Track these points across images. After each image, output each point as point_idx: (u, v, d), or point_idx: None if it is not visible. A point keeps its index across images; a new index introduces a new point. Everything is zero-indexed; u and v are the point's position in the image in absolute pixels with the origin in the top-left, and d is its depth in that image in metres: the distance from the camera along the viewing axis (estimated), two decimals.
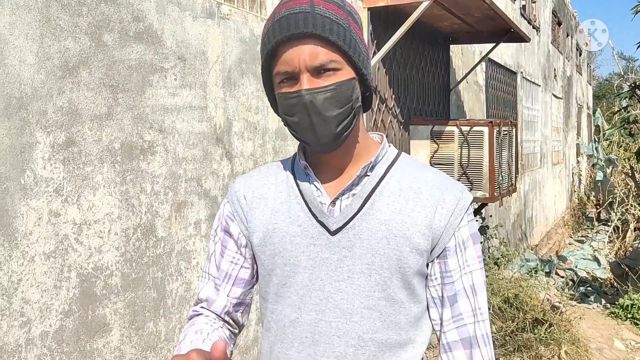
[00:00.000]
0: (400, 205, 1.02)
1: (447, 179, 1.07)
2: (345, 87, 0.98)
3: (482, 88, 6.94)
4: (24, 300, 1.78)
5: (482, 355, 1.02)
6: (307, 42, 0.96)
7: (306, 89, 0.96)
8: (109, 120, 2.07)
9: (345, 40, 0.97)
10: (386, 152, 1.08)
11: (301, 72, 0.96)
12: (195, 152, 2.49)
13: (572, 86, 15.14)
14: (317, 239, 1.03)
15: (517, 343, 4.20)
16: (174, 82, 2.37)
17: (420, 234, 1.01)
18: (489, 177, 4.54)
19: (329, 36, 0.95)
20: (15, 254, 1.76)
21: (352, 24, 1.00)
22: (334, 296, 1.01)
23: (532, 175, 9.70)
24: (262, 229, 1.07)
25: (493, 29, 5.17)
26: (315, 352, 1.02)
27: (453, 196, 1.03)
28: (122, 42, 2.13)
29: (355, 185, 1.04)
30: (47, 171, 1.86)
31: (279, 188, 1.09)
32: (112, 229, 2.09)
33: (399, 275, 1.01)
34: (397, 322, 1.02)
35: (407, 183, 1.04)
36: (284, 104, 0.99)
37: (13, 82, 1.75)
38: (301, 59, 0.96)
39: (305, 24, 0.95)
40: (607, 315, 5.78)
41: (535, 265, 6.88)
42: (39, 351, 1.82)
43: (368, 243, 1.01)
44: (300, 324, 1.03)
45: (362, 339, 1.01)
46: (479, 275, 1.04)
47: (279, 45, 0.97)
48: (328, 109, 0.97)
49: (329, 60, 0.96)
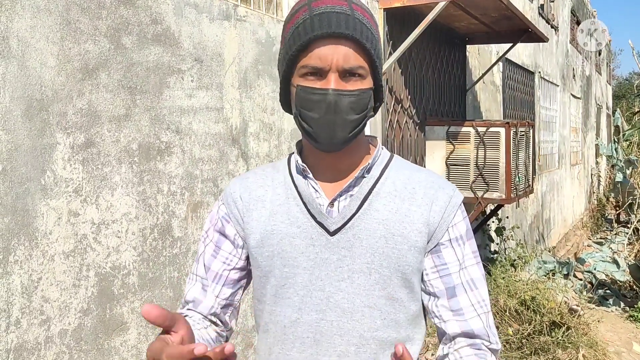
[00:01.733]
0: (397, 205, 1.05)
1: (439, 179, 1.10)
2: (366, 95, 1.01)
3: (499, 88, 6.88)
4: (43, 299, 1.82)
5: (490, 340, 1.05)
6: (343, 44, 0.97)
7: (334, 89, 0.98)
8: (127, 121, 2.10)
9: (375, 50, 1.00)
10: (380, 155, 1.11)
11: (331, 71, 0.98)
12: (212, 153, 2.51)
13: (591, 86, 14.94)
14: (316, 240, 1.04)
15: (534, 346, 4.16)
16: (190, 84, 2.40)
17: (417, 232, 1.03)
18: (506, 178, 4.51)
19: (365, 42, 0.98)
20: (35, 253, 1.79)
21: (378, 37, 1.03)
22: (334, 296, 1.03)
23: (550, 176, 9.60)
24: (260, 230, 1.07)
25: (510, 28, 5.13)
26: (317, 351, 1.03)
27: (445, 194, 1.07)
28: (141, 45, 2.15)
29: (353, 187, 1.06)
30: (66, 172, 1.89)
31: (277, 190, 1.09)
32: (130, 228, 2.12)
33: (398, 274, 1.03)
34: (397, 320, 1.04)
35: (401, 184, 1.07)
36: (304, 97, 1.00)
37: (34, 84, 1.79)
38: (334, 58, 0.97)
39: (347, 25, 0.97)
40: (626, 319, 5.70)
41: (552, 267, 6.81)
42: (58, 349, 1.86)
43: (367, 242, 1.03)
44: (301, 324, 1.04)
45: (364, 338, 1.02)
46: (477, 270, 1.07)
47: (316, 39, 0.98)
48: (349, 112, 0.99)
49: (359, 66, 0.98)
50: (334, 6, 0.98)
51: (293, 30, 1.00)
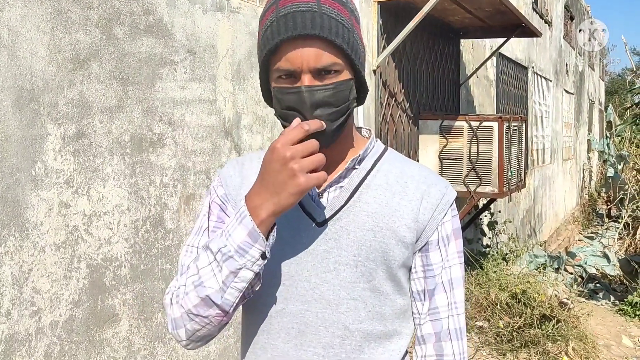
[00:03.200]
0: (387, 198, 1.04)
1: (432, 174, 1.09)
2: (343, 86, 0.99)
3: (492, 83, 6.89)
4: (34, 290, 1.81)
5: (453, 348, 1.05)
6: (312, 44, 0.95)
7: (307, 85, 0.96)
8: (119, 112, 2.09)
9: (349, 43, 0.97)
10: (374, 147, 1.10)
11: (303, 72, 0.96)
12: (204, 145, 2.51)
13: (584, 81, 15.00)
14: (303, 230, 1.04)
15: (524, 339, 4.19)
16: (183, 75, 2.38)
17: (406, 227, 1.03)
18: (498, 173, 4.53)
19: (334, 39, 0.95)
20: (26, 244, 1.78)
21: (354, 24, 1.00)
22: (320, 287, 1.02)
23: (542, 171, 9.64)
24: None
25: (504, 23, 5.13)
26: (302, 342, 1.03)
27: (438, 191, 1.05)
28: (133, 35, 2.14)
29: (343, 178, 1.06)
30: (57, 163, 1.88)
31: None
32: (122, 220, 2.11)
33: (384, 267, 1.03)
34: (382, 313, 1.04)
35: (393, 177, 1.06)
36: (281, 99, 0.99)
37: (25, 74, 1.77)
38: (304, 60, 0.95)
39: (313, 25, 0.94)
40: (616, 312, 5.76)
41: (544, 261, 6.85)
42: (49, 340, 1.85)
43: (354, 235, 1.02)
44: (286, 315, 1.04)
45: (348, 329, 1.02)
46: (458, 270, 1.06)
47: (283, 43, 0.96)
48: (326, 107, 0.97)
49: (331, 63, 0.96)
50: (299, 4, 0.95)
51: (263, 33, 0.99)
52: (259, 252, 0.93)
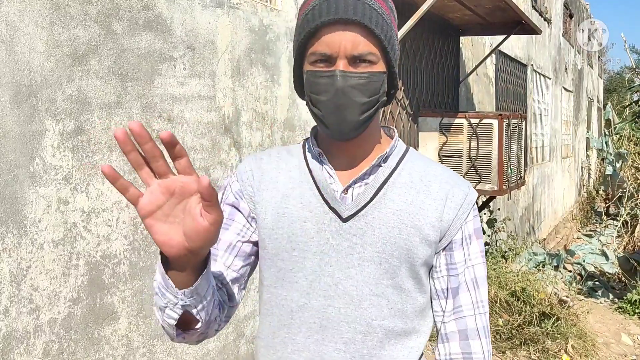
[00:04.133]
0: (412, 196, 1.04)
1: (454, 175, 1.10)
2: (376, 78, 0.99)
3: (492, 80, 6.88)
4: (32, 287, 1.79)
5: (482, 346, 1.05)
6: (351, 29, 0.96)
7: (341, 70, 0.96)
8: (118, 108, 2.07)
9: (387, 36, 0.98)
10: (397, 145, 1.10)
11: (339, 57, 0.97)
12: (204, 142, 2.49)
13: (582, 79, 15.00)
14: (328, 225, 1.03)
15: (523, 337, 4.19)
16: (182, 72, 2.37)
17: (430, 225, 1.03)
18: (498, 170, 4.52)
19: (374, 28, 0.96)
20: (24, 241, 1.77)
21: (393, 21, 1.02)
22: (343, 282, 1.02)
23: (541, 168, 9.64)
24: (271, 212, 1.06)
25: (504, 20, 5.12)
26: (324, 337, 1.02)
27: (461, 191, 1.06)
28: (132, 31, 2.12)
29: (369, 175, 1.06)
30: (56, 159, 1.86)
31: (291, 173, 1.08)
32: (121, 217, 2.10)
33: (407, 265, 1.03)
34: (404, 310, 1.04)
35: (417, 176, 1.06)
36: (313, 82, 0.99)
37: (23, 69, 1.76)
38: (342, 45, 0.96)
39: (355, 11, 0.95)
40: (615, 310, 5.76)
41: (543, 259, 6.85)
42: (47, 338, 1.84)
43: (380, 232, 1.02)
44: (308, 310, 1.03)
45: (371, 326, 1.02)
46: (481, 269, 1.07)
47: (323, 26, 0.96)
48: (357, 95, 0.97)
49: (368, 52, 0.97)
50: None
51: (303, 16, 1.00)
52: (173, 296, 0.87)
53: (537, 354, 4.13)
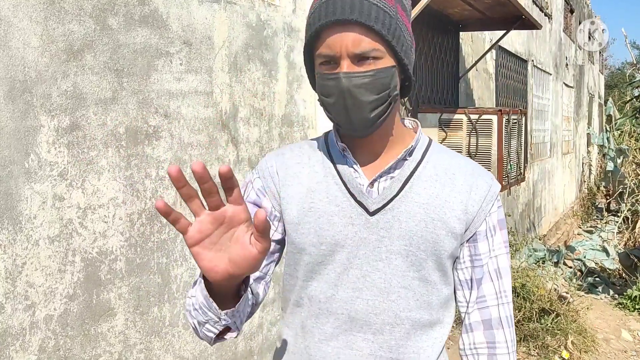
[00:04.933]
0: (437, 190, 1.05)
1: (478, 167, 1.11)
2: (383, 74, 0.99)
3: (492, 76, 6.86)
4: (28, 284, 1.79)
5: (505, 335, 1.07)
6: (351, 29, 0.96)
7: (345, 72, 0.97)
8: (113, 104, 2.06)
9: (390, 30, 0.97)
10: (421, 138, 1.11)
11: (342, 57, 0.97)
12: (201, 138, 2.48)
13: (583, 75, 14.96)
14: (355, 219, 1.04)
15: (523, 333, 4.18)
16: (179, 67, 2.35)
17: (456, 218, 1.04)
18: (497, 166, 4.50)
19: (373, 25, 0.95)
20: (19, 238, 1.76)
21: (399, 11, 1.00)
22: (371, 275, 1.03)
23: (542, 164, 9.62)
24: (297, 207, 1.06)
25: (504, 15, 5.10)
26: (352, 327, 1.04)
27: (485, 183, 1.08)
28: (127, 26, 2.11)
29: (394, 169, 1.06)
30: (51, 155, 1.85)
31: (315, 168, 1.09)
32: (117, 213, 2.09)
33: (433, 258, 1.04)
34: (430, 302, 1.06)
35: (442, 169, 1.07)
36: (322, 84, 1.01)
37: (17, 65, 1.75)
38: (343, 45, 0.96)
39: (352, 10, 0.95)
40: (615, 306, 5.75)
41: (543, 255, 6.84)
42: (43, 334, 1.83)
43: (406, 225, 1.03)
44: (336, 301, 1.04)
45: (399, 317, 1.04)
46: (505, 260, 1.08)
47: (323, 29, 0.97)
48: (364, 94, 0.97)
49: (371, 49, 0.97)
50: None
51: (308, 18, 1.01)
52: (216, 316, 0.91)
53: (537, 350, 4.13)
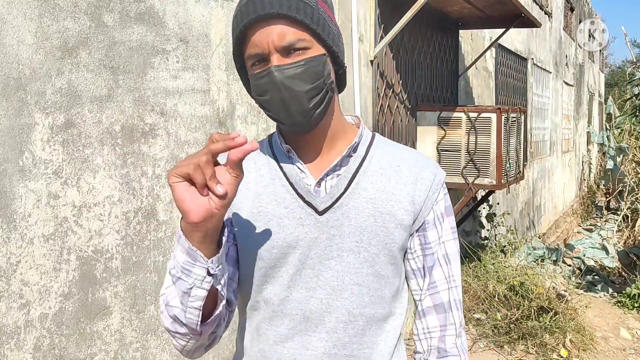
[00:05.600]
0: (384, 183, 1.06)
1: (422, 157, 1.12)
2: (315, 62, 0.98)
3: (491, 74, 6.85)
4: (22, 282, 1.78)
5: (454, 318, 1.10)
6: (274, 23, 0.96)
7: (275, 65, 0.96)
8: (109, 102, 2.05)
9: (313, 19, 0.97)
10: (364, 133, 1.11)
11: (271, 53, 0.97)
12: (198, 136, 2.47)
13: (583, 73, 14.93)
14: (305, 220, 1.04)
15: (521, 331, 4.18)
16: (176, 65, 2.34)
17: (404, 210, 1.05)
18: (496, 164, 4.49)
19: (295, 15, 0.95)
20: (13, 236, 1.75)
21: (320, 3, 1.00)
22: (324, 274, 1.04)
23: (542, 163, 9.61)
24: (246, 212, 1.06)
25: (503, 13, 5.08)
26: (307, 328, 1.04)
27: (430, 172, 1.09)
28: (123, 23, 2.10)
29: (340, 166, 1.07)
30: (46, 153, 1.84)
31: (261, 171, 1.08)
32: (113, 212, 2.08)
33: (385, 252, 1.05)
34: (383, 296, 1.06)
35: (387, 162, 1.08)
36: (256, 84, 1.00)
37: (11, 62, 1.74)
38: (269, 40, 0.96)
39: (272, 4, 0.95)
40: (614, 304, 5.75)
41: (542, 253, 6.83)
42: (38, 333, 1.82)
43: (356, 221, 1.03)
44: (290, 302, 1.05)
45: (352, 314, 1.04)
46: (452, 245, 1.11)
47: (247, 28, 0.97)
48: (298, 84, 0.97)
49: (297, 39, 0.97)
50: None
51: (232, 23, 1.01)
52: (203, 269, 0.91)
53: (535, 348, 4.12)
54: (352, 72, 3.53)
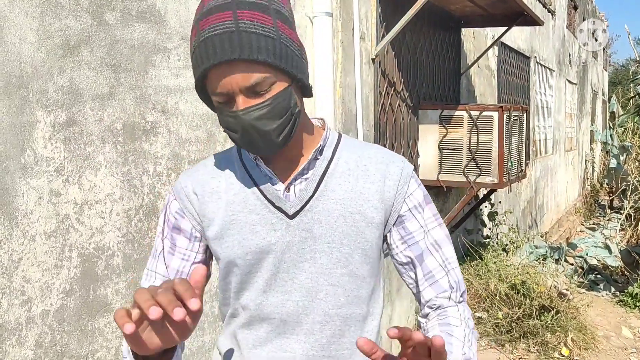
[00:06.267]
0: (352, 183, 1.07)
1: (388, 153, 1.13)
2: (281, 98, 0.97)
3: (494, 73, 6.83)
4: (24, 279, 1.79)
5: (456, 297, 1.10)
6: (236, 66, 0.94)
7: (242, 109, 0.96)
8: (110, 100, 2.06)
9: (276, 54, 0.95)
10: (330, 136, 1.12)
11: (236, 94, 0.96)
12: (199, 134, 2.48)
13: (587, 72, 14.89)
14: (276, 225, 1.05)
15: (523, 329, 4.18)
16: (177, 63, 2.35)
17: (373, 208, 1.06)
18: (498, 163, 4.49)
19: (257, 57, 0.93)
20: (15, 233, 1.76)
21: (280, 27, 0.96)
22: (298, 276, 1.05)
23: (544, 161, 9.59)
24: (219, 222, 1.07)
25: (506, 12, 5.07)
26: (284, 331, 1.06)
27: (397, 167, 1.10)
28: (124, 21, 2.11)
29: (307, 170, 1.08)
30: (47, 150, 1.85)
31: (230, 180, 1.09)
32: (114, 209, 2.09)
33: (359, 251, 1.06)
34: (360, 296, 1.07)
35: (353, 162, 1.09)
36: (223, 120, 1.00)
37: (13, 60, 1.74)
38: (233, 83, 0.95)
39: (232, 48, 0.92)
40: (616, 304, 5.74)
41: (544, 252, 6.82)
42: (40, 330, 1.84)
43: (326, 223, 1.05)
44: (267, 306, 1.06)
45: (328, 315, 1.05)
46: (439, 231, 1.11)
47: (207, 72, 0.96)
48: (266, 124, 0.97)
49: (262, 79, 0.95)
50: (216, 25, 0.92)
51: (191, 56, 0.99)
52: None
53: (537, 347, 4.12)
54: (354, 70, 3.53)
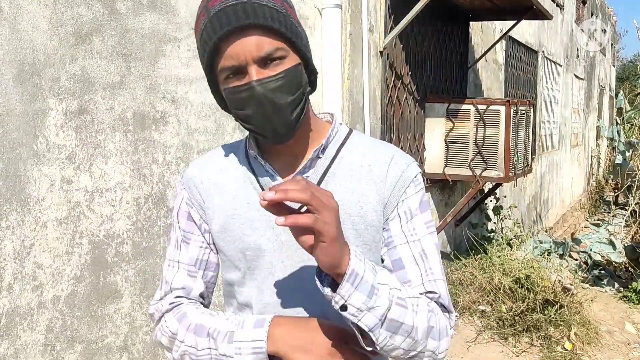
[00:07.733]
0: (354, 185, 1.04)
1: (397, 154, 1.08)
2: (293, 73, 0.97)
3: (501, 67, 6.81)
4: (36, 265, 1.82)
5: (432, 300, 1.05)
6: (250, 34, 0.93)
7: (256, 79, 0.94)
8: (121, 89, 2.08)
9: (287, 27, 0.95)
10: (337, 132, 1.09)
11: (248, 64, 0.94)
12: (208, 124, 2.49)
13: (594, 67, 14.81)
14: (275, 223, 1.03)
15: (526, 323, 4.19)
16: (187, 53, 2.36)
17: (373, 210, 1.03)
18: (504, 157, 4.49)
19: (271, 25, 0.93)
20: (27, 219, 1.79)
21: (288, 9, 0.98)
22: (295, 277, 1.04)
23: (550, 156, 9.57)
24: (222, 215, 1.07)
25: (514, 5, 5.05)
26: None
27: (398, 169, 1.05)
28: (136, 11, 2.12)
29: (308, 168, 1.05)
30: (59, 138, 1.87)
31: (235, 174, 1.08)
32: (124, 197, 2.11)
33: None
34: None
35: (358, 162, 1.06)
36: (234, 99, 0.97)
37: (26, 48, 1.76)
38: (247, 52, 0.93)
39: (246, 15, 0.92)
40: (620, 299, 5.74)
41: (548, 247, 6.83)
42: (51, 315, 1.86)
43: None
44: (264, 305, 1.05)
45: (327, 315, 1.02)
46: (428, 241, 1.05)
47: (222, 41, 0.94)
48: (281, 97, 0.95)
49: (274, 49, 0.94)
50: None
51: (200, 38, 0.97)
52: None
53: (540, 341, 4.14)
54: (362, 62, 3.53)
